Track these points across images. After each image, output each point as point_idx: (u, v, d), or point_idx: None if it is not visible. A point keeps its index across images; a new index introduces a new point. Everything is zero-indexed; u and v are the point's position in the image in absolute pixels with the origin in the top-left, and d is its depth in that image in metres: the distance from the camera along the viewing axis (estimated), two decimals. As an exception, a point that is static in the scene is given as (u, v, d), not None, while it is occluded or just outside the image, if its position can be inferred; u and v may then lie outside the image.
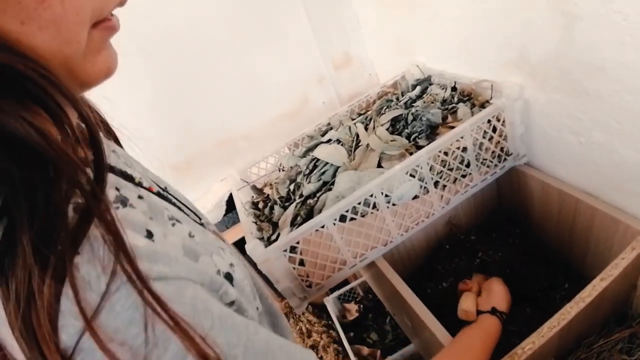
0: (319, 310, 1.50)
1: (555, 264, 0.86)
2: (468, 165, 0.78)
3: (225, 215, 1.32)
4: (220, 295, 0.32)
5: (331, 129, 1.00)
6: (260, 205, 0.92)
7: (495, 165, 0.82)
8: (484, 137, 0.77)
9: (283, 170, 0.97)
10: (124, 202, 0.32)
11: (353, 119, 0.99)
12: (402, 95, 0.97)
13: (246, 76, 1.20)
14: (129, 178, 0.36)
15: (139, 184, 0.37)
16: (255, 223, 0.85)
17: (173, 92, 1.14)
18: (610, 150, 0.67)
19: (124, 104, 1.08)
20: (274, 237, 0.80)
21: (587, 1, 0.57)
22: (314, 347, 1.36)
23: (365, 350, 1.28)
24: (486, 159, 0.80)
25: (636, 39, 0.55)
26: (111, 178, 0.34)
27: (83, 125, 0.30)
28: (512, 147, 0.82)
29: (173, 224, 0.35)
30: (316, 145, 0.91)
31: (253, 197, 0.98)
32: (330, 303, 1.44)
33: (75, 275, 0.24)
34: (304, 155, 0.92)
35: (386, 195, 0.72)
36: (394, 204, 0.74)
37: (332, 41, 1.25)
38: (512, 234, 0.93)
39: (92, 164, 0.28)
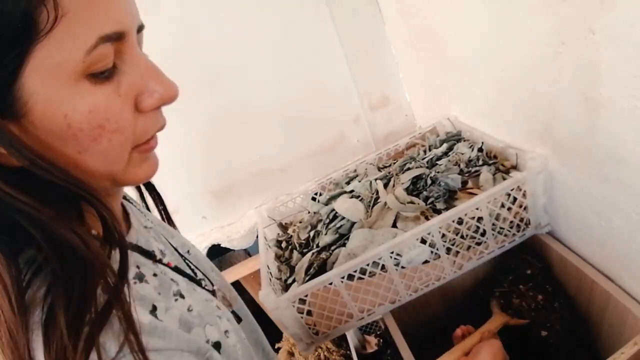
0: (339, 338, 1.53)
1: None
2: (483, 234, 0.78)
3: (257, 240, 1.39)
4: (207, 358, 0.39)
5: (357, 176, 1.03)
6: (284, 245, 0.98)
7: (514, 234, 0.81)
8: (502, 207, 0.77)
9: (308, 213, 1.02)
10: (140, 278, 0.40)
11: (379, 169, 1.02)
12: (429, 150, 0.99)
13: (285, 111, 1.26)
14: (150, 256, 0.45)
15: (159, 261, 0.45)
16: (276, 263, 0.91)
17: (217, 123, 1.23)
18: (628, 239, 0.65)
19: (172, 135, 1.19)
20: (290, 280, 0.85)
21: (611, 92, 0.57)
22: (329, 377, 1.39)
23: (379, 387, 1.29)
24: (503, 229, 0.79)
25: (657, 138, 0.54)
26: (134, 256, 0.42)
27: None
28: (533, 217, 0.81)
29: (176, 299, 0.42)
30: (339, 194, 0.95)
31: (278, 234, 1.04)
32: (350, 333, 1.47)
33: (102, 342, 0.31)
34: (327, 202, 0.96)
35: (395, 258, 0.74)
36: (403, 267, 0.76)
37: (370, 83, 1.29)
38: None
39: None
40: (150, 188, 0.59)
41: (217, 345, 0.42)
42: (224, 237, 1.34)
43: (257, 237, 1.36)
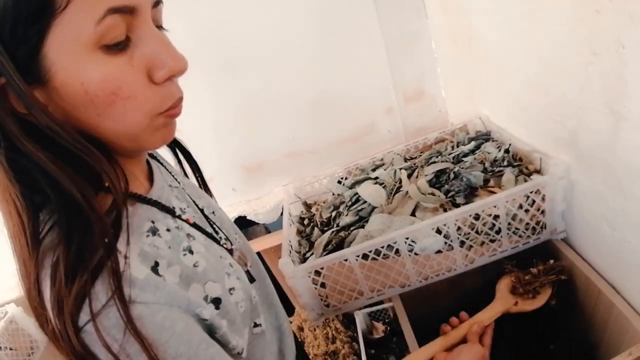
0: (349, 321, 1.59)
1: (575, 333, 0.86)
2: (498, 232, 0.81)
3: (281, 216, 1.46)
4: (196, 314, 0.43)
5: (383, 164, 1.07)
6: (306, 222, 1.04)
7: (528, 236, 0.83)
8: (520, 208, 0.80)
9: (332, 195, 1.07)
10: (154, 232, 0.45)
11: (406, 160, 1.05)
12: (457, 146, 1.01)
13: (320, 96, 1.31)
14: (169, 211, 0.49)
15: (178, 216, 0.50)
16: (297, 237, 0.97)
17: (256, 102, 1.29)
18: (638, 253, 0.67)
19: (213, 110, 1.26)
20: (308, 254, 0.91)
21: (636, 106, 0.58)
22: (335, 353, 1.46)
23: (382, 371, 1.35)
24: (519, 229, 0.82)
25: (677, 157, 0.55)
26: (151, 211, 0.47)
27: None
28: (549, 222, 0.83)
29: (184, 254, 0.46)
30: (364, 180, 1.00)
31: (302, 212, 1.10)
32: (359, 317, 1.52)
33: (94, 290, 0.37)
34: (352, 187, 1.01)
35: (410, 245, 0.79)
36: (416, 254, 0.80)
37: (407, 75, 1.31)
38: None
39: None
40: (188, 157, 0.65)
41: (216, 301, 0.46)
42: (250, 210, 1.41)
43: (281, 213, 1.43)
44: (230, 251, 0.57)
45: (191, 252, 0.47)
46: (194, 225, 0.52)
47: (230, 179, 1.40)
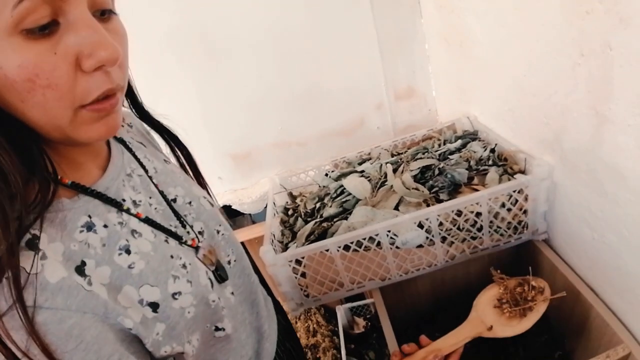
0: (330, 315, 1.59)
1: (555, 335, 0.87)
2: (480, 229, 0.82)
3: (266, 208, 1.45)
4: (116, 322, 0.40)
5: (370, 159, 1.07)
6: (290, 212, 1.03)
7: (510, 235, 0.84)
8: (502, 207, 0.80)
9: (318, 186, 1.07)
10: (89, 227, 0.42)
11: (393, 155, 1.05)
12: (444, 144, 1.02)
13: (312, 89, 1.30)
14: (115, 204, 0.46)
15: (126, 210, 0.47)
16: (280, 227, 0.97)
17: (245, 90, 1.28)
18: (617, 255, 0.68)
19: (202, 97, 1.25)
20: (290, 244, 0.91)
21: (620, 108, 0.59)
22: (315, 347, 1.46)
23: (360, 365, 1.35)
24: (500, 228, 0.83)
25: (657, 157, 0.56)
26: (92, 204, 0.44)
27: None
28: (531, 222, 0.84)
29: (120, 254, 0.43)
30: (350, 173, 0.99)
31: (287, 202, 1.09)
32: (341, 312, 1.52)
33: None
34: (337, 179, 1.00)
35: (391, 238, 0.79)
36: (397, 247, 0.80)
37: (399, 72, 1.31)
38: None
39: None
40: (179, 144, 0.63)
41: (153, 305, 0.43)
42: (235, 199, 1.40)
43: (266, 204, 1.42)
44: (196, 249, 0.53)
45: (128, 252, 0.44)
46: (146, 220, 0.48)
47: (217, 167, 1.38)
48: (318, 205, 0.95)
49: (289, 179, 1.13)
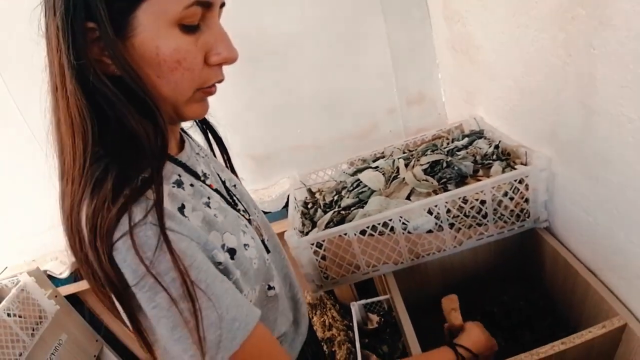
0: (345, 311, 1.66)
1: (557, 315, 0.94)
2: (485, 217, 0.89)
3: (284, 207, 1.54)
4: (211, 255, 0.48)
5: (384, 156, 1.16)
6: (309, 206, 1.12)
7: (513, 222, 0.91)
8: (504, 196, 0.88)
9: (335, 182, 1.16)
10: (179, 184, 0.52)
11: (404, 153, 1.14)
12: (452, 142, 1.10)
13: (328, 94, 1.41)
14: (194, 174, 0.56)
15: (202, 180, 0.57)
16: (301, 218, 1.06)
17: (267, 96, 1.39)
18: (610, 235, 0.75)
19: (221, 102, 1.36)
20: (311, 233, 0.99)
21: (603, 99, 0.66)
22: (331, 340, 1.53)
23: (374, 358, 1.41)
24: (504, 215, 0.90)
25: (638, 140, 0.63)
26: (178, 169, 0.54)
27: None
28: (533, 211, 0.91)
29: (205, 206, 0.53)
30: (365, 168, 1.08)
31: (306, 197, 1.18)
32: (355, 308, 1.59)
33: (132, 209, 0.42)
34: (353, 174, 1.09)
35: (403, 223, 0.87)
36: (409, 232, 0.88)
37: (410, 79, 1.41)
38: (523, 282, 1.02)
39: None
40: (217, 138, 0.73)
41: (231, 251, 0.52)
42: (257, 198, 1.49)
43: (286, 202, 1.51)
44: (249, 221, 0.62)
45: (209, 206, 0.53)
46: (216, 191, 0.58)
47: (239, 168, 1.47)
48: (336, 197, 1.04)
49: (308, 176, 1.22)
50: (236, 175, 0.77)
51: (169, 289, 0.42)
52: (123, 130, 0.45)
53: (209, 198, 0.55)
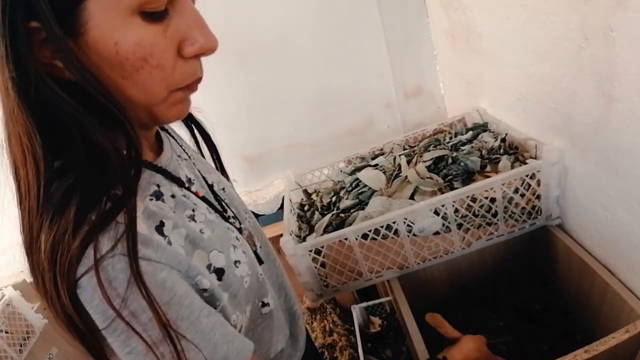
0: (346, 315, 1.60)
1: (572, 316, 0.89)
2: (495, 215, 0.84)
3: (280, 209, 1.48)
4: (195, 282, 0.42)
5: (383, 153, 1.10)
6: (306, 208, 1.06)
7: (524, 220, 0.86)
8: (515, 192, 0.82)
9: (332, 182, 1.09)
10: (157, 196, 0.45)
11: (405, 149, 1.08)
12: (455, 136, 1.04)
13: (322, 90, 1.34)
14: (176, 181, 0.49)
15: (187, 188, 0.50)
16: (297, 222, 0.99)
17: (259, 94, 1.32)
18: (629, 231, 0.70)
19: (211, 101, 1.29)
20: (308, 237, 0.93)
21: (625, 87, 0.61)
22: (332, 346, 1.47)
23: (378, 363, 1.36)
24: (515, 213, 0.84)
25: (661, 131, 0.58)
26: (157, 177, 0.46)
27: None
28: (545, 207, 0.85)
29: (189, 220, 0.46)
30: (364, 167, 1.02)
31: (302, 199, 1.12)
32: (356, 311, 1.54)
33: (99, 239, 0.36)
34: (352, 173, 1.03)
35: (408, 225, 0.81)
36: (414, 235, 0.82)
37: (407, 72, 1.35)
38: (535, 282, 0.97)
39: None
40: (205, 136, 0.66)
41: (219, 272, 0.45)
42: (250, 200, 1.43)
43: (281, 204, 1.45)
44: (239, 230, 0.56)
45: (194, 220, 0.46)
46: (202, 199, 0.52)
47: (232, 169, 1.40)
48: (334, 198, 0.98)
49: (304, 176, 1.16)
50: (227, 177, 0.71)
51: (145, 331, 0.36)
52: (87, 144, 0.37)
53: (193, 210, 0.47)
